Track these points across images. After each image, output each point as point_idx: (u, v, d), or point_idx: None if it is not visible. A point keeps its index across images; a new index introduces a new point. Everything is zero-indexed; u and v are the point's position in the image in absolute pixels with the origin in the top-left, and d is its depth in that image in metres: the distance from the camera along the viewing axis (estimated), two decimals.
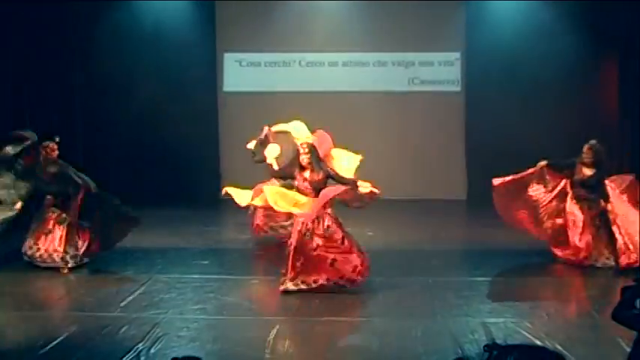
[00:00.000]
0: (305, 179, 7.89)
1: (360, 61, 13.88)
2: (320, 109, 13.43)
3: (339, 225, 7.84)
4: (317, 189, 7.82)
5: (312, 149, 8.01)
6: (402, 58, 13.79)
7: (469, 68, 13.50)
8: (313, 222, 7.74)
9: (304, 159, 7.89)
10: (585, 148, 9.01)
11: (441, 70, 13.79)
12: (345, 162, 9.19)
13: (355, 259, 7.77)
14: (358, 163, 9.22)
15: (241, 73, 14.00)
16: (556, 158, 9.09)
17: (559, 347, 6.07)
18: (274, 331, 6.81)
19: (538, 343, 6.29)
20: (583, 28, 12.26)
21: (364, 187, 7.99)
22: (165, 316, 7.29)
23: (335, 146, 10.72)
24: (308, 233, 7.73)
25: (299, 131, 9.95)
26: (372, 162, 11.72)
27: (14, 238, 10.21)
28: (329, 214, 7.83)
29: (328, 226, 7.73)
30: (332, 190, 7.80)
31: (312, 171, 7.89)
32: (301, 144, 8.31)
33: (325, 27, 13.67)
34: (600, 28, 12.12)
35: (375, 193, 8.00)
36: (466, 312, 7.53)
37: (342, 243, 7.75)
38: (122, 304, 7.66)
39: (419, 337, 6.65)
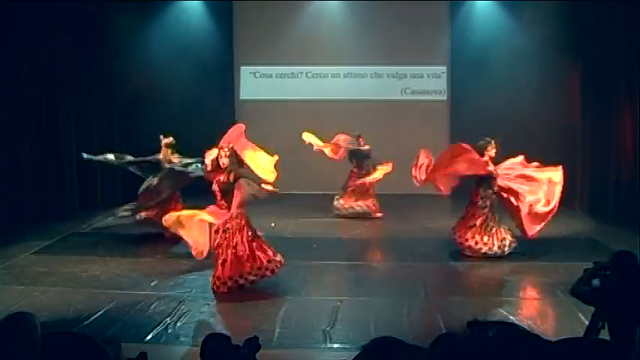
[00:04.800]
0: (219, 182, 7.35)
1: (359, 74, 13.91)
2: (324, 115, 13.52)
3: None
4: (226, 191, 7.31)
5: (233, 152, 7.44)
6: (396, 71, 13.83)
7: (453, 80, 13.56)
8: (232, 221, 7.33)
9: (224, 162, 7.33)
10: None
11: (429, 81, 13.83)
12: (261, 161, 8.05)
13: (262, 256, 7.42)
14: (274, 163, 8.13)
15: (255, 83, 14.04)
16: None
17: (530, 322, 6.15)
18: (283, 308, 6.88)
19: (512, 318, 6.36)
20: (549, 46, 12.35)
21: (267, 187, 7.48)
22: (189, 294, 7.37)
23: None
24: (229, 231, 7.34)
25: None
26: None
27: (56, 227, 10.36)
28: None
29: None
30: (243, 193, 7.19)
31: (226, 174, 7.34)
32: (221, 147, 7.47)
33: (328, 43, 13.71)
34: (563, 47, 12.23)
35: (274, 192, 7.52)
36: (450, 292, 7.58)
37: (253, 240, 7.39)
38: (152, 283, 7.72)
39: (408, 314, 6.70)
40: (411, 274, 8.18)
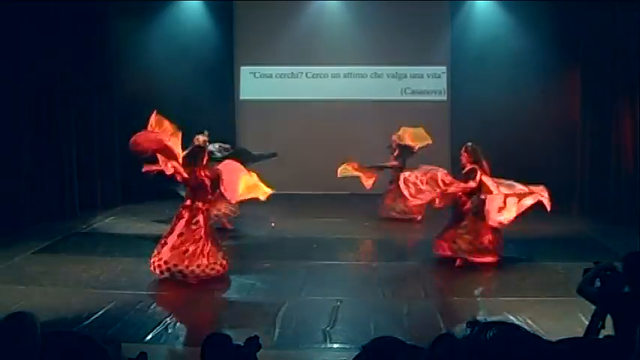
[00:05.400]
0: (207, 175, 7.77)
1: (358, 74, 13.91)
2: (323, 116, 13.54)
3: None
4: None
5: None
6: (396, 71, 13.83)
7: (453, 80, 13.57)
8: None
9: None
10: (462, 150, 8.44)
11: (429, 81, 13.84)
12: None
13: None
14: None
15: (255, 83, 14.04)
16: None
17: (530, 322, 6.15)
18: (283, 308, 6.87)
19: (512, 319, 6.34)
20: (549, 46, 12.40)
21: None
22: (189, 294, 7.36)
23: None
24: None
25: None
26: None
27: (59, 227, 10.36)
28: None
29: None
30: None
31: (211, 168, 7.95)
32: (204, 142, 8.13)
33: (328, 43, 13.71)
34: (563, 47, 12.28)
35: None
36: (450, 292, 7.58)
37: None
38: (152, 283, 7.72)
39: (408, 314, 6.70)
40: (411, 274, 8.18)
